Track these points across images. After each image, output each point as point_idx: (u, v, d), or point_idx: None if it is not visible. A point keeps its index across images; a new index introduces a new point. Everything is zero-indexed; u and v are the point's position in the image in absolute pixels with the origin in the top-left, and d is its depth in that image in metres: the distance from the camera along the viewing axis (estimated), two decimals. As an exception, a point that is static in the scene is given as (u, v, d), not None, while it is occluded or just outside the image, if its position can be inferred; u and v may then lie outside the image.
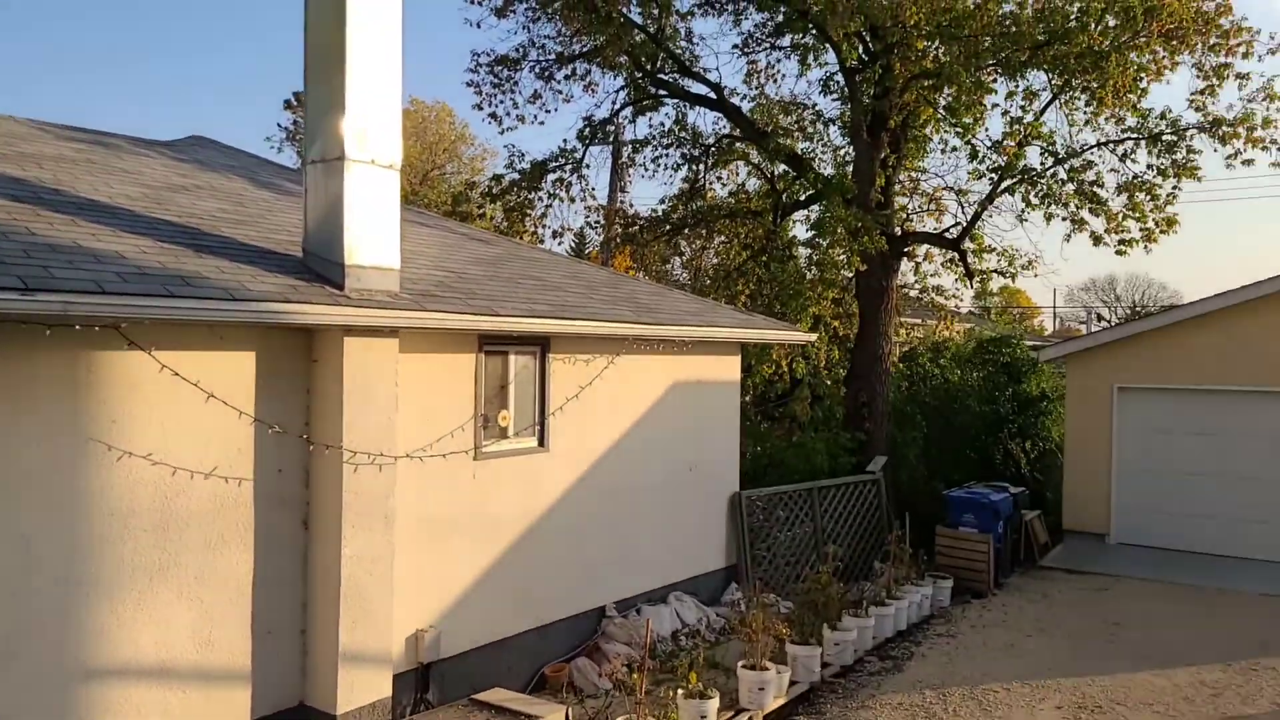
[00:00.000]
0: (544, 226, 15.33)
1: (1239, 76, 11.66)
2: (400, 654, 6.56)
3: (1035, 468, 15.34)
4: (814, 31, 12.79)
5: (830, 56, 13.22)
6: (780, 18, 13.43)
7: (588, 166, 15.26)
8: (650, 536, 9.10)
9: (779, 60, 14.39)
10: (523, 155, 15.23)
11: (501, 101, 15.05)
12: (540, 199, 15.17)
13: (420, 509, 6.75)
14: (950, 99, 12.67)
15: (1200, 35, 11.10)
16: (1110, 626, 9.35)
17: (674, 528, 9.41)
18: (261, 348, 5.83)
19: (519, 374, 7.75)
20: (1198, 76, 11.78)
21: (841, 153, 14.64)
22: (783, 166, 14.19)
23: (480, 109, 15.13)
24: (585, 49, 14.16)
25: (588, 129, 14.84)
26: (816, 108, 14.92)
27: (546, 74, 14.65)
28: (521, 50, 14.74)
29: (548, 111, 15.06)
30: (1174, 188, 12.31)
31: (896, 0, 10.46)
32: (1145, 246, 12.82)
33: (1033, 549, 12.07)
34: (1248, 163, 11.96)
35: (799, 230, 15.47)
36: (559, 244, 15.42)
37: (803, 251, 14.43)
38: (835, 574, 8.89)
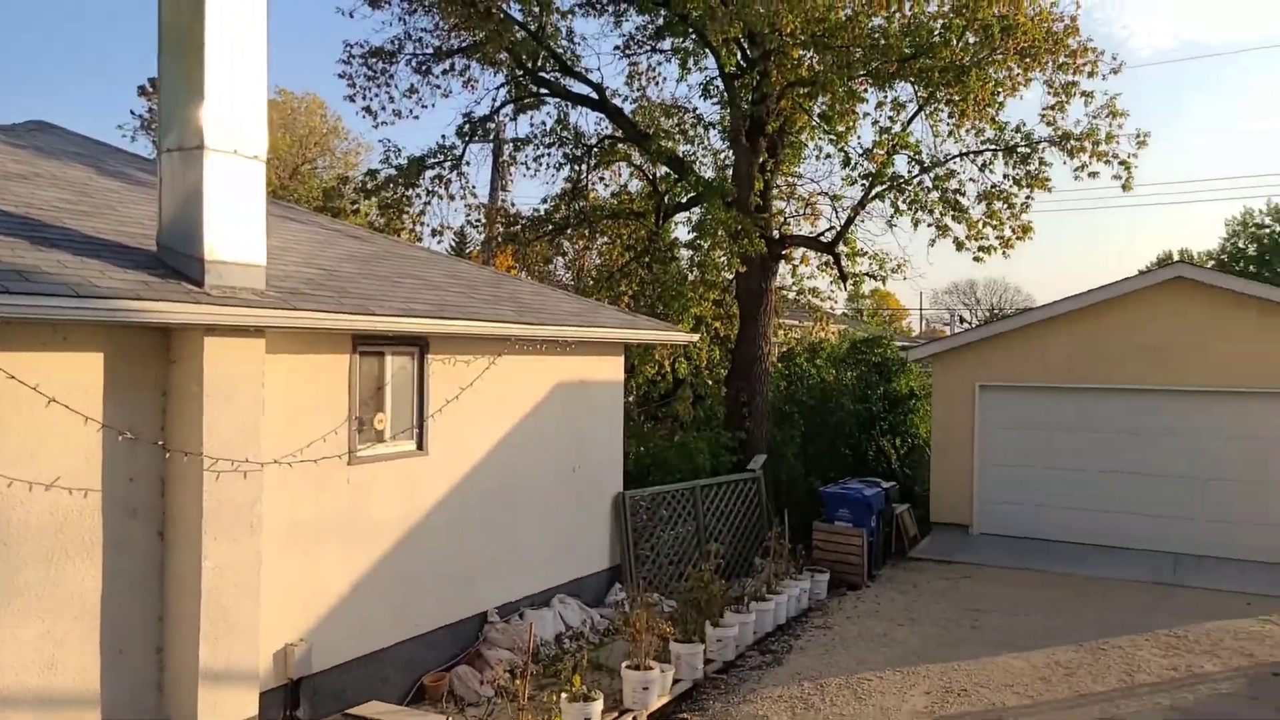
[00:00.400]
0: (423, 224, 14.98)
1: (1085, 94, 12.51)
2: (268, 670, 6.23)
3: (905, 463, 16.03)
4: (694, 36, 12.97)
5: (710, 61, 13.45)
6: (661, 21, 13.56)
7: (468, 164, 14.99)
8: (534, 539, 8.98)
9: (660, 63, 14.56)
10: (399, 150, 14.84)
11: (376, 95, 14.61)
12: (418, 196, 14.80)
13: (290, 516, 6.43)
14: (824, 107, 13.10)
15: (1051, 54, 11.86)
16: (974, 613, 9.83)
17: (558, 530, 9.33)
18: (111, 348, 5.42)
19: (396, 375, 7.50)
20: (1049, 93, 12.58)
21: (722, 156, 14.90)
22: (664, 169, 14.33)
23: (354, 101, 14.64)
24: (464, 44, 13.90)
25: (468, 126, 14.58)
26: (697, 111, 15.16)
27: (424, 68, 14.31)
28: (397, 43, 14.35)
29: (425, 107, 14.68)
30: (1028, 197, 13.11)
31: (773, 8, 10.70)
32: (1003, 253, 13.59)
33: (903, 541, 12.59)
34: (1093, 175, 12.84)
35: (681, 232, 15.68)
36: (438, 242, 15.11)
37: (685, 253, 14.62)
38: (718, 571, 9.01)
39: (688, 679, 7.74)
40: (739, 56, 12.97)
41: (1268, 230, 43.71)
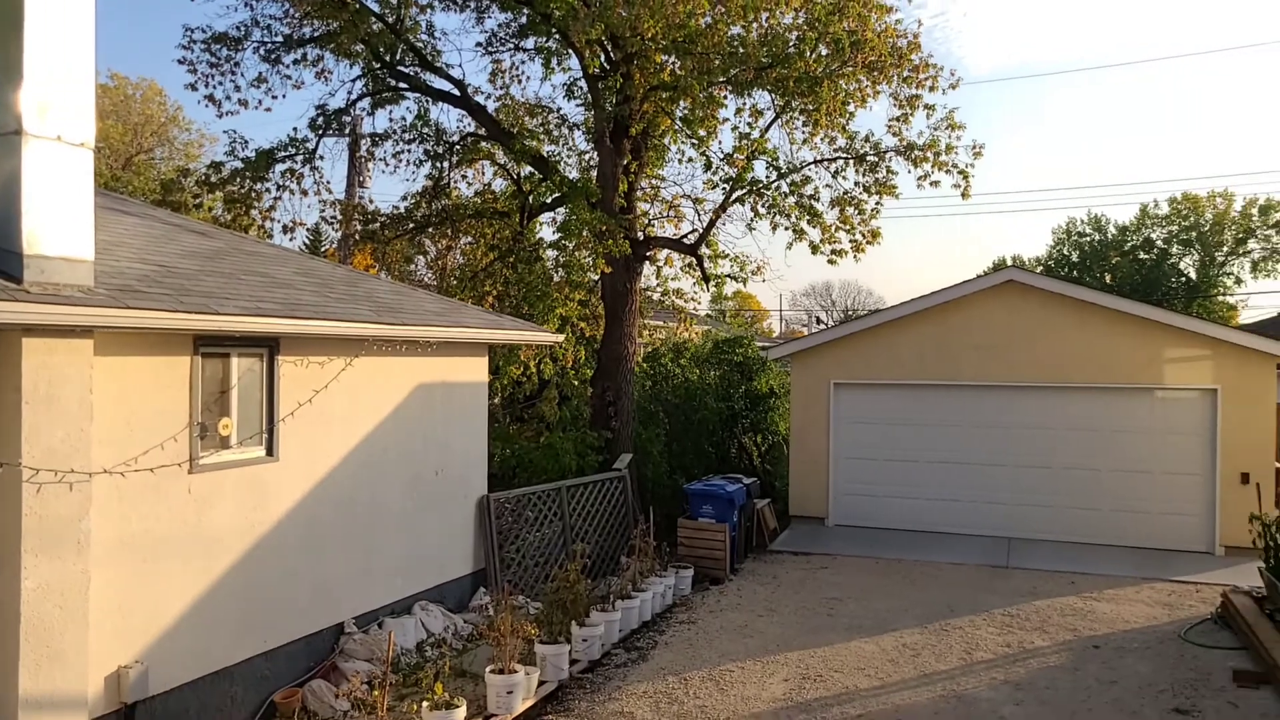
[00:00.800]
0: (273, 220, 14.27)
1: (927, 107, 13.29)
2: (99, 695, 5.79)
3: (766, 459, 16.54)
4: (557, 36, 12.96)
5: (574, 62, 13.47)
6: (524, 20, 13.48)
7: (321, 158, 14.43)
8: (394, 546, 8.73)
9: (524, 62, 14.49)
10: (246, 142, 14.10)
11: (221, 83, 13.83)
12: (268, 191, 14.12)
13: (124, 530, 6.00)
14: (686, 111, 13.36)
15: (896, 68, 12.54)
16: (830, 602, 10.24)
17: (419, 535, 9.10)
18: (-91, 350, 4.90)
19: (243, 378, 7.13)
20: (894, 105, 13.30)
21: (586, 157, 14.95)
22: (529, 168, 14.25)
23: (195, 90, 13.80)
24: (317, 34, 13.36)
25: (321, 118, 14.02)
26: (561, 112, 15.18)
27: (273, 57, 13.66)
28: (243, 29, 13.64)
29: (275, 97, 13.97)
30: (877, 203, 13.80)
31: (635, 12, 10.83)
32: (854, 256, 14.25)
33: (764, 535, 12.98)
34: (934, 184, 13.65)
35: (546, 232, 15.63)
36: (290, 240, 14.48)
37: (550, 253, 14.57)
38: (584, 571, 9.02)
39: (553, 680, 7.71)
40: (602, 59, 13.06)
41: (1088, 238, 47.66)
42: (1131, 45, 77.21)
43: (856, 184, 13.79)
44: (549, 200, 14.30)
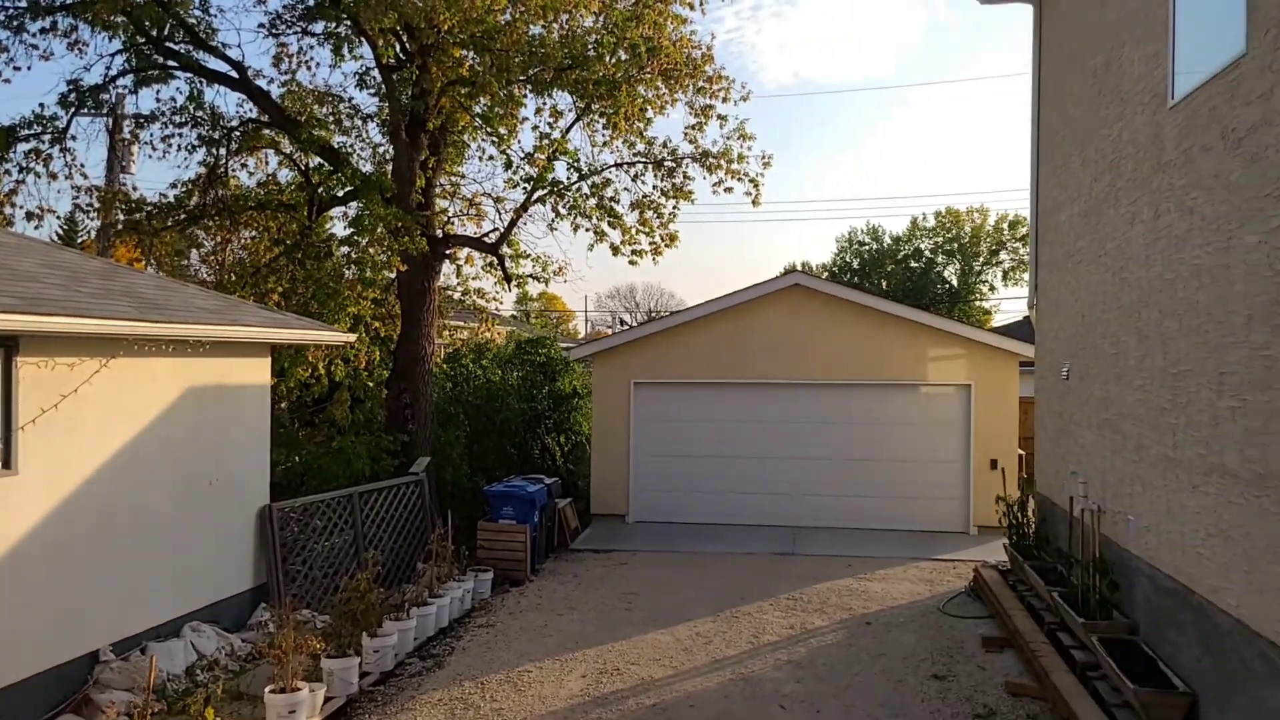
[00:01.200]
0: (14, 206, 12.69)
1: (720, 117, 13.86)
2: None
3: (569, 459, 16.63)
4: (348, 22, 12.38)
5: (366, 50, 12.92)
6: (311, 2, 12.77)
7: (74, 138, 12.97)
8: (160, 563, 8.01)
9: (313, 46, 13.68)
10: (-17, 118, 12.49)
11: (-50, 51, 12.14)
12: (8, 173, 12.54)
13: None
14: (485, 108, 13.16)
15: (691, 78, 12.97)
16: (628, 597, 10.42)
17: (191, 550, 8.40)
18: None
19: (-29, 381, 6.29)
20: (690, 113, 13.74)
21: (381, 150, 14.39)
22: (318, 159, 13.52)
23: (-82, 56, 12.04)
24: (70, 1, 12.02)
25: (74, 95, 12.62)
26: (354, 101, 14.51)
27: (16, 24, 12.15)
28: (-23, -10, 12.05)
29: (18, 69, 12.40)
30: (674, 208, 14.21)
31: (430, 3, 10.54)
32: (654, 258, 14.61)
33: (565, 534, 13.03)
34: (728, 190, 14.24)
35: (338, 227, 14.89)
36: (37, 229, 12.90)
37: (342, 250, 13.88)
38: (378, 579, 8.67)
39: (342, 695, 7.35)
40: (398, 49, 12.62)
41: (867, 247, 51.48)
42: (907, 70, 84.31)
43: (655, 188, 14.16)
44: (340, 194, 13.63)
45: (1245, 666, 5.39)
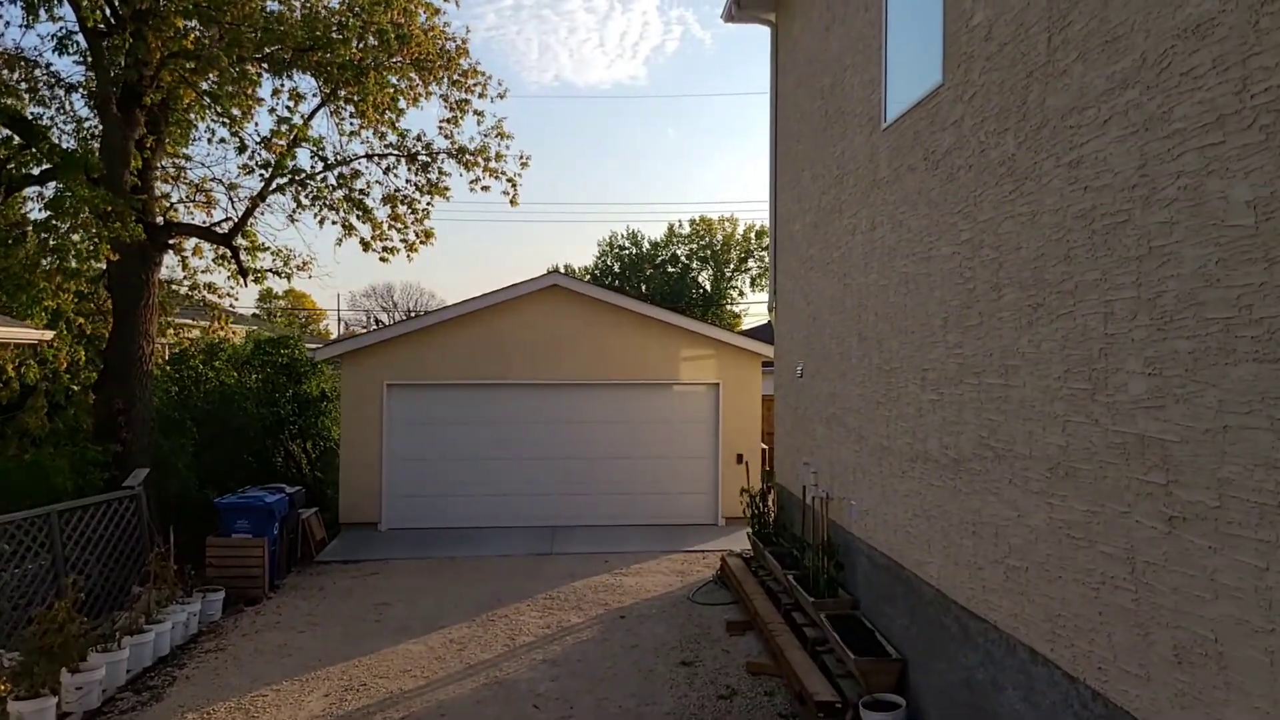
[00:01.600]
0: None
1: (477, 113, 13.62)
2: None
3: (317, 467, 15.64)
4: (44, -24, 10.83)
5: (68, 11, 11.38)
6: (-2, -51, 11.07)
7: None
8: None
9: (1, 3, 11.86)
10: None
11: None
12: None
13: None
14: (214, 85, 12.04)
15: (445, 70, 12.63)
16: (379, 608, 9.95)
17: None
18: None
19: None
20: (445, 107, 13.39)
21: (89, 125, 12.74)
22: (6, 131, 11.73)
23: None
24: None
25: None
26: (52, 68, 12.72)
27: None
28: None
29: None
30: (429, 204, 13.79)
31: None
32: (408, 255, 14.09)
33: (310, 546, 12.23)
34: (485, 188, 14.03)
35: (35, 209, 13.00)
36: None
37: (39, 235, 12.11)
38: (81, 607, 7.65)
39: (31, 744, 6.40)
40: (107, 12, 11.23)
41: (628, 251, 52.97)
42: (664, 80, 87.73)
43: (409, 182, 13.65)
44: (36, 172, 11.91)
45: (944, 630, 6.03)
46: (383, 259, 13.62)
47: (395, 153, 13.55)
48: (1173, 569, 3.67)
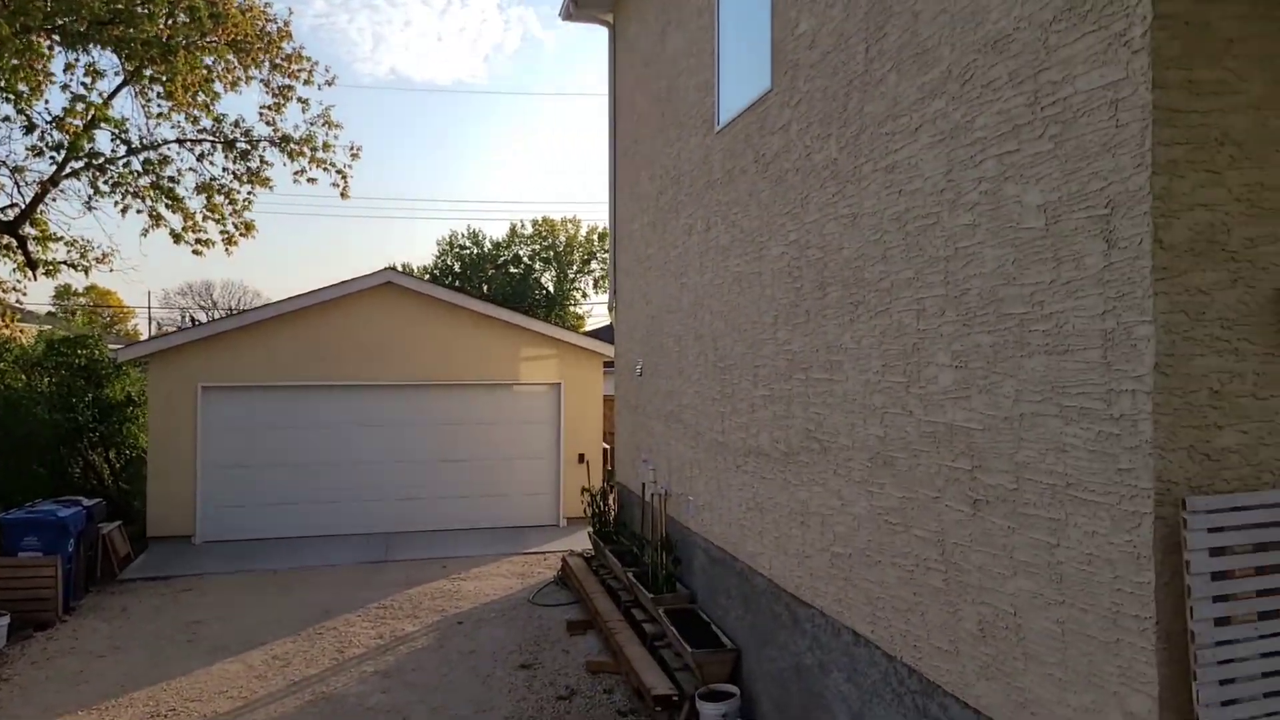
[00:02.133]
0: None
1: (302, 100, 12.96)
2: None
3: (121, 477, 14.38)
4: None
5: None
6: None
7: None
8: None
9: None
10: None
11: None
12: None
13: None
14: (-3, 56, 10.83)
15: (266, 53, 11.92)
16: (191, 626, 9.24)
17: None
18: None
19: None
20: (267, 92, 12.67)
21: None
22: None
23: None
24: None
25: None
26: None
27: None
28: None
29: None
30: (250, 194, 12.98)
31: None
32: (226, 249, 13.20)
33: (113, 563, 11.20)
34: (312, 180, 13.35)
35: None
36: None
37: None
38: None
39: None
40: None
41: (469, 251, 52.01)
42: (504, 78, 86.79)
43: (227, 170, 12.80)
44: None
45: (775, 619, 6.21)
46: (196, 252, 12.74)
47: (211, 139, 12.67)
48: (977, 549, 3.92)
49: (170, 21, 10.67)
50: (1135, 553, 3.06)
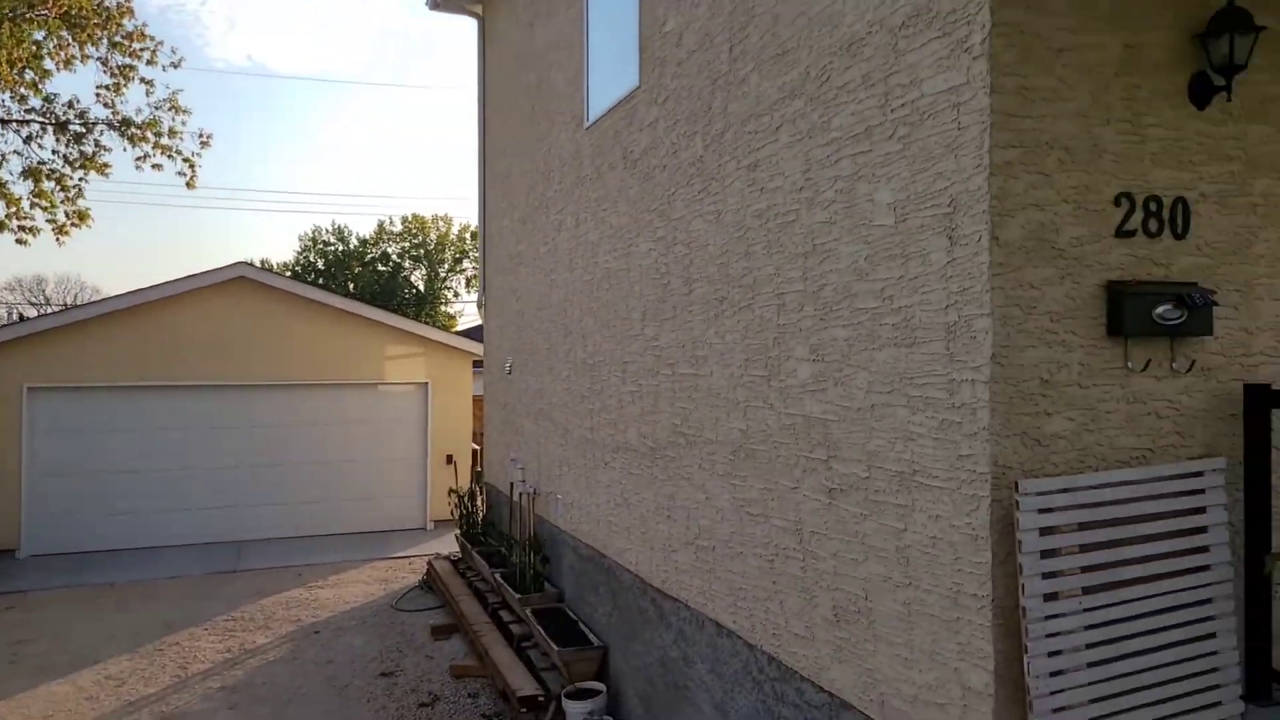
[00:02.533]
0: None
1: (145, 81, 12.12)
2: None
3: (-67, 487, 13.03)
4: None
5: None
6: None
7: None
8: None
9: None
10: None
11: None
12: None
13: None
14: None
15: (104, 29, 11.08)
16: (14, 646, 8.46)
17: None
18: None
19: None
20: (105, 71, 11.78)
21: None
22: None
23: None
24: None
25: None
26: None
27: None
28: None
29: None
30: (83, 179, 12.04)
31: None
32: (58, 238, 12.19)
33: (-78, 582, 10.15)
34: (157, 167, 12.50)
35: None
36: None
37: None
38: None
39: None
40: None
41: (334, 248, 50.12)
42: (368, 68, 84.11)
43: (56, 154, 11.82)
44: None
45: (642, 614, 6.23)
46: (20, 241, 11.68)
47: (40, 119, 11.67)
48: (832, 536, 4.04)
49: (-9, -12, 9.78)
50: (974, 534, 3.21)
